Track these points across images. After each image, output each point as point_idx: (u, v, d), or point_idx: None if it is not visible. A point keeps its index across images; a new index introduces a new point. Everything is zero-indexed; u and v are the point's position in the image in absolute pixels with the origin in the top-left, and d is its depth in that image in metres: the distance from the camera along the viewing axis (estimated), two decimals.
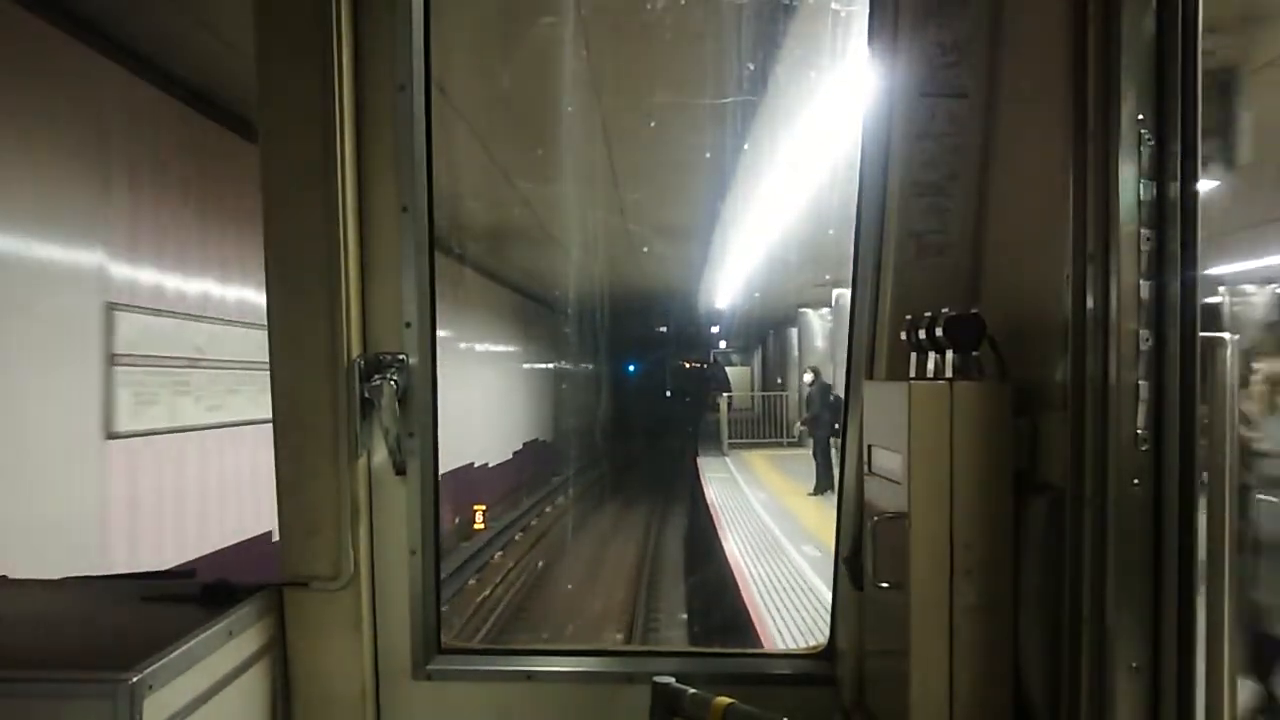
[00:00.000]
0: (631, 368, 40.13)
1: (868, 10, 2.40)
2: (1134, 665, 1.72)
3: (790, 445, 24.63)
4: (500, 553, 18.07)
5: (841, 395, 3.01)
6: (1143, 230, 1.70)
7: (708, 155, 12.57)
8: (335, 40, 2.30)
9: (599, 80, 9.44)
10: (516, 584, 16.31)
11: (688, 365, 43.05)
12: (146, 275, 8.07)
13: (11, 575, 2.70)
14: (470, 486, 18.43)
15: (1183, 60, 1.68)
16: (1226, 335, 1.66)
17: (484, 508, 18.98)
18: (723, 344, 44.90)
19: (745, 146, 11.70)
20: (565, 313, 25.23)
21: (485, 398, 20.58)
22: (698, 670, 2.54)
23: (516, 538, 19.71)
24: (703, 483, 20.32)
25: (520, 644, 8.40)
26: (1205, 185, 1.70)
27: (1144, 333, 1.70)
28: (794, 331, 27.91)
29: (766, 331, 37.47)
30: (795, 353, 27.54)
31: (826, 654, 2.61)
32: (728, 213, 15.91)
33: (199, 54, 8.04)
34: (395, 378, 2.41)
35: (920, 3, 2.29)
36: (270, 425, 2.43)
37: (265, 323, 2.42)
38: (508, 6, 8.05)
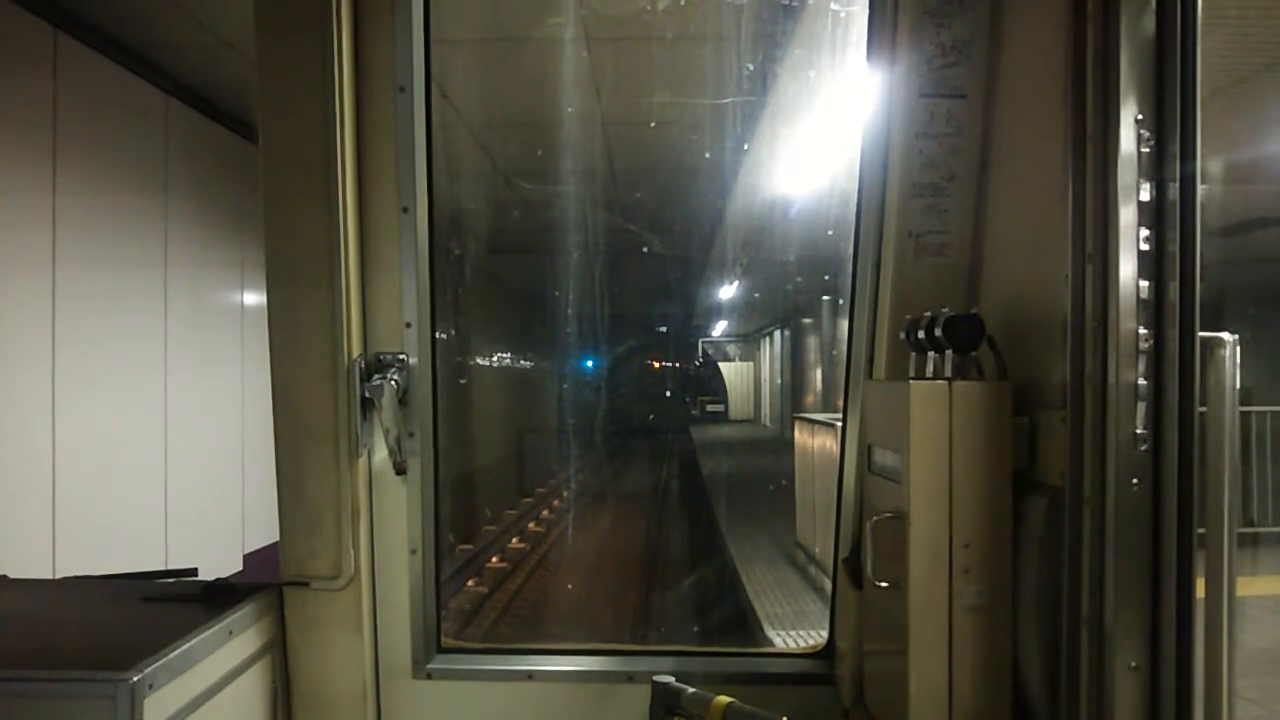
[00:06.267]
0: (590, 363, 23.14)
1: (867, 10, 2.41)
2: (1132, 665, 1.72)
3: None
4: None
5: None
6: (1142, 230, 1.70)
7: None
8: (335, 40, 2.30)
9: None
10: None
11: (657, 366, 29.39)
12: None
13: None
14: None
15: (1182, 60, 1.68)
16: (1225, 335, 1.67)
17: None
18: (718, 329, 32.91)
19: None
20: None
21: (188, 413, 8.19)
22: (698, 669, 2.54)
23: None
24: None
25: (521, 643, 8.38)
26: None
27: (1143, 332, 1.70)
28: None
29: (797, 312, 23.03)
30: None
31: (826, 653, 2.62)
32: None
33: None
34: (396, 377, 2.42)
35: (920, 3, 2.29)
36: None
37: None
38: None
